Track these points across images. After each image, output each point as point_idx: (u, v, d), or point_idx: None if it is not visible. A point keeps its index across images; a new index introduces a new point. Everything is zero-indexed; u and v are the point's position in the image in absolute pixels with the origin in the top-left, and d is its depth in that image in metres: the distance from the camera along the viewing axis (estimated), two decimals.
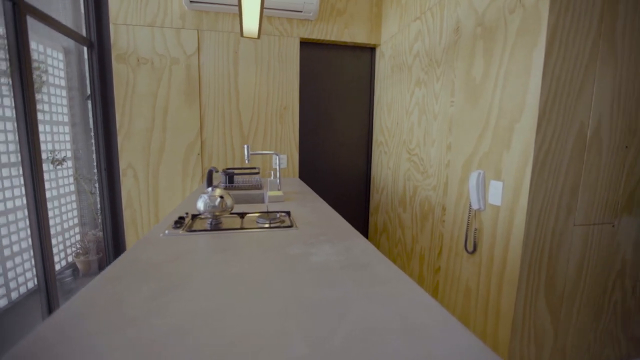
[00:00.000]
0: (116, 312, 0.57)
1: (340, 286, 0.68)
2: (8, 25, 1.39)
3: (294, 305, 0.59)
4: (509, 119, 1.25)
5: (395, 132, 2.20)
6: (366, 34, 2.39)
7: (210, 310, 0.58)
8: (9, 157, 1.80)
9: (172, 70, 2.13)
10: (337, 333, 0.51)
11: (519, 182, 1.21)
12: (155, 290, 0.64)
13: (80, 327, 0.52)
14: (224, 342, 0.49)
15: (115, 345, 0.48)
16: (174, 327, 0.52)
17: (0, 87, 1.69)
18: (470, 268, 1.47)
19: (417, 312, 0.58)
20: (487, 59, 1.36)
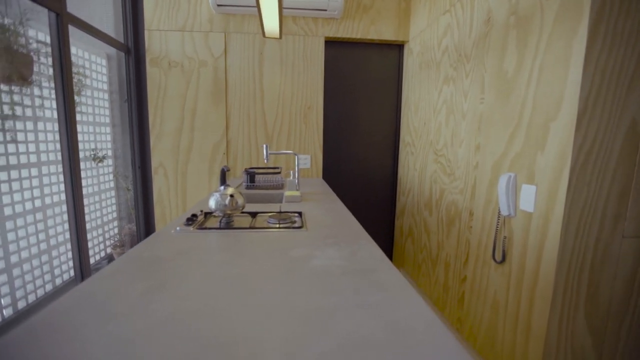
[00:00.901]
0: (106, 306, 0.58)
1: (336, 294, 0.64)
2: (52, 34, 1.52)
3: (280, 313, 0.57)
4: (544, 117, 1.13)
5: (423, 132, 2.10)
6: (394, 31, 2.31)
7: (190, 311, 0.57)
8: (52, 156, 1.97)
9: (200, 73, 2.20)
10: (316, 348, 0.48)
11: (554, 186, 1.08)
12: (147, 288, 0.65)
13: (70, 320, 0.53)
14: (190, 350, 0.47)
15: (96, 339, 0.48)
16: (150, 327, 0.52)
17: (45, 91, 1.85)
18: (499, 279, 1.35)
19: (414, 328, 0.53)
20: (521, 50, 1.23)
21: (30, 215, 1.82)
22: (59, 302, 0.58)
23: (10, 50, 1.49)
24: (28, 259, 1.83)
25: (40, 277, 1.89)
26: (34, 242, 1.86)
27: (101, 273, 0.71)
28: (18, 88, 1.66)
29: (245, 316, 0.55)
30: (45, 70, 1.73)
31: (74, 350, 0.46)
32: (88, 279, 0.68)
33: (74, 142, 1.61)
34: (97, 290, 0.64)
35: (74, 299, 0.60)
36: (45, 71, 1.73)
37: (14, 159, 1.70)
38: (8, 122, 1.64)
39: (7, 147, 1.66)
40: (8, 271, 1.72)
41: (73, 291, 0.63)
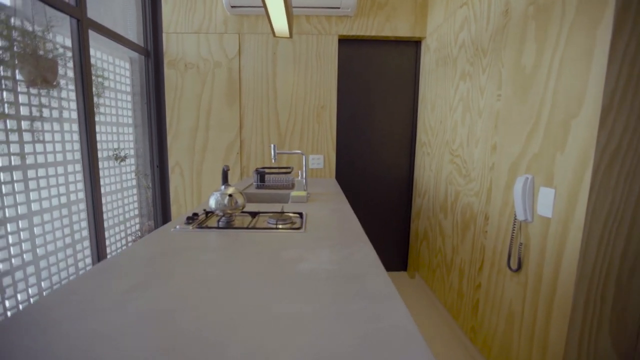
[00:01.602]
0: (87, 303, 0.58)
1: (316, 300, 0.61)
2: (73, 39, 1.60)
3: (252, 317, 0.55)
4: (564, 114, 1.03)
5: (439, 131, 2.01)
6: (410, 27, 2.23)
7: (164, 310, 0.56)
8: (77, 155, 2.07)
9: (215, 74, 2.24)
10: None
11: (574, 189, 0.99)
12: (128, 286, 0.65)
13: (51, 315, 0.54)
14: (145, 348, 0.46)
15: (71, 333, 0.48)
16: (123, 323, 0.51)
17: (70, 93, 1.96)
18: (514, 288, 1.26)
19: (390, 342, 0.49)
20: (540, 43, 1.14)
21: (57, 211, 1.92)
22: (43, 298, 0.60)
23: (36, 55, 1.58)
24: (54, 252, 1.94)
25: (65, 269, 2.00)
26: (60, 236, 1.96)
27: (92, 270, 0.73)
28: (45, 91, 1.77)
29: (215, 317, 0.54)
30: (69, 73, 1.83)
31: (48, 341, 0.46)
32: (83, 274, 0.70)
33: (92, 142, 1.69)
34: (82, 287, 0.65)
35: (58, 295, 0.61)
36: (69, 74, 1.83)
37: (42, 157, 1.80)
38: (35, 123, 1.75)
39: (35, 146, 1.76)
40: (35, 263, 1.82)
41: (60, 287, 0.64)
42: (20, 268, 1.76)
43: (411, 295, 2.20)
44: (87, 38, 1.64)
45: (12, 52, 1.56)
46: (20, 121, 1.66)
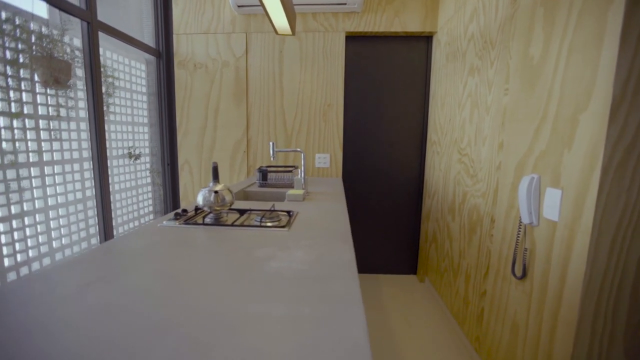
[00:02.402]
0: (47, 294, 0.59)
1: (270, 301, 0.58)
2: (84, 41, 1.67)
3: (198, 316, 0.53)
4: (572, 108, 0.94)
5: (448, 130, 1.92)
6: (420, 21, 2.15)
7: (117, 305, 0.55)
8: (92, 153, 2.16)
9: (223, 73, 2.27)
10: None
11: (582, 190, 0.89)
12: (96, 278, 0.65)
13: (17, 300, 0.55)
14: (82, 344, 0.45)
15: (20, 318, 0.48)
16: (77, 315, 0.51)
17: (81, 93, 2.05)
18: (519, 297, 1.16)
19: (330, 354, 0.45)
20: (547, 31, 1.05)
21: (72, 206, 2.01)
22: (12, 282, 0.61)
23: (51, 57, 1.67)
24: (69, 245, 2.03)
25: None
26: (75, 230, 2.06)
27: (64, 260, 0.74)
28: (62, 91, 1.86)
29: (162, 314, 0.52)
30: (81, 74, 1.91)
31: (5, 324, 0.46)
32: (47, 266, 0.71)
33: (102, 141, 1.75)
34: (48, 277, 0.66)
35: (24, 282, 0.62)
36: (82, 75, 1.91)
37: (58, 155, 1.89)
38: (53, 122, 1.84)
39: (52, 144, 1.85)
40: (51, 255, 1.91)
41: (27, 275, 0.66)
42: (37, 259, 1.85)
43: (419, 301, 2.11)
44: (97, 40, 1.70)
45: (31, 55, 1.65)
46: (38, 120, 1.75)
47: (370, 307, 2.03)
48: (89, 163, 2.09)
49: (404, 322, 1.86)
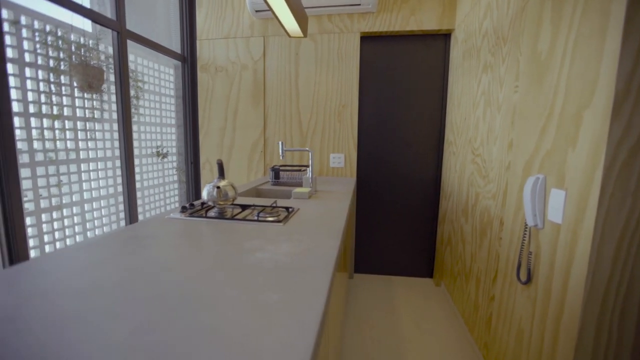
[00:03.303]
0: (52, 272, 0.67)
1: (245, 286, 0.62)
2: (114, 49, 1.82)
3: (167, 297, 0.58)
4: (576, 104, 0.89)
5: (463, 129, 1.86)
6: (437, 19, 2.10)
7: (99, 286, 0.62)
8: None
9: (242, 76, 2.36)
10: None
11: (584, 192, 0.84)
12: (97, 259, 0.73)
13: (17, 277, 0.64)
14: (60, 316, 0.51)
15: (27, 289, 0.56)
16: (60, 292, 0.58)
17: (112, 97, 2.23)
18: (524, 303, 1.11)
19: (283, 330, 0.48)
20: (555, 24, 1.00)
21: (104, 200, 2.20)
22: (19, 265, 0.70)
23: (87, 65, 1.84)
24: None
25: None
26: (107, 223, 2.24)
27: (73, 246, 0.83)
28: (97, 95, 2.04)
29: (152, 291, 0.58)
30: (112, 78, 2.09)
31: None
32: (59, 249, 0.80)
33: (129, 141, 1.90)
34: (60, 257, 0.74)
35: (35, 263, 0.71)
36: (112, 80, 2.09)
37: (93, 153, 2.08)
38: (88, 123, 2.03)
39: (88, 143, 2.04)
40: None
41: (39, 256, 0.75)
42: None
43: (432, 305, 2.06)
44: (126, 48, 1.85)
45: (70, 63, 1.83)
46: (76, 122, 1.93)
47: (380, 309, 2.01)
48: (119, 161, 2.27)
49: (414, 326, 1.83)
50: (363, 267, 2.53)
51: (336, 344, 1.24)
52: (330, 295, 0.64)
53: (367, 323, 1.86)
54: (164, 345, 0.44)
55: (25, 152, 1.62)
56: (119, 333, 0.46)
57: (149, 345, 0.44)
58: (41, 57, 1.68)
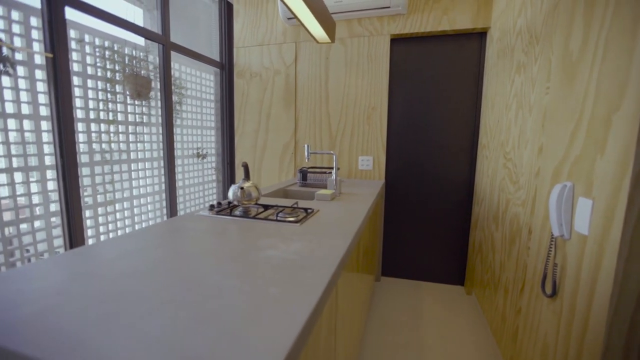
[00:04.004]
0: (95, 256, 0.79)
1: (249, 279, 0.68)
2: (160, 60, 2.01)
3: (184, 281, 0.65)
4: (605, 107, 0.83)
5: (496, 132, 1.78)
6: (471, 18, 2.03)
7: (124, 272, 0.71)
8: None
9: (275, 80, 2.47)
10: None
11: (612, 202, 0.79)
12: (133, 248, 0.84)
13: (74, 259, 0.76)
14: (100, 292, 0.61)
15: (75, 269, 0.68)
16: (96, 274, 0.68)
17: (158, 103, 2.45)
18: (549, 318, 1.05)
19: (271, 319, 0.53)
20: (587, 21, 0.94)
21: (151, 196, 2.43)
22: (74, 250, 0.83)
23: (137, 75, 2.06)
24: None
25: None
26: (152, 217, 2.47)
27: (115, 238, 0.96)
28: (146, 102, 2.27)
29: (159, 280, 0.66)
30: (158, 87, 2.30)
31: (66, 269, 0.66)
32: (106, 238, 0.92)
33: (170, 143, 2.08)
34: (106, 246, 0.86)
35: (85, 249, 0.84)
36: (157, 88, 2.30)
37: (142, 154, 2.31)
38: (138, 127, 2.25)
39: (137, 145, 2.27)
40: None
41: (88, 245, 0.87)
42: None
43: (460, 313, 1.99)
44: (169, 59, 2.03)
45: (123, 73, 2.06)
46: (128, 126, 2.16)
47: (405, 314, 1.99)
48: (162, 161, 2.49)
49: (439, 334, 1.78)
50: (391, 270, 2.51)
51: (351, 344, 1.26)
52: (328, 292, 0.68)
53: (391, 327, 1.85)
54: (172, 321, 0.51)
55: (85, 153, 1.86)
56: (136, 311, 0.54)
57: (153, 329, 0.51)
58: (100, 70, 1.91)
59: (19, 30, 1.46)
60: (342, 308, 1.01)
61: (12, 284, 0.64)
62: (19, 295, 0.59)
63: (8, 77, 1.46)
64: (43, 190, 1.61)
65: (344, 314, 1.05)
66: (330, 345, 0.86)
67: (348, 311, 1.15)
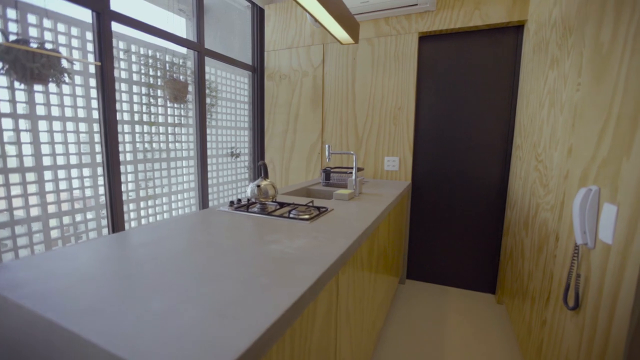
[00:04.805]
0: (124, 242, 0.89)
1: (244, 268, 0.73)
2: (195, 66, 2.17)
3: (190, 267, 0.72)
4: (633, 104, 0.76)
5: (529, 132, 1.67)
6: (506, 10, 1.91)
7: (147, 258, 0.80)
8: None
9: (303, 82, 2.53)
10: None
11: (636, 208, 0.72)
12: (154, 238, 0.93)
13: (109, 244, 0.87)
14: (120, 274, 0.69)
15: (107, 254, 0.78)
16: (124, 257, 0.78)
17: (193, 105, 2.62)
18: (572, 331, 0.97)
19: (254, 303, 0.57)
20: (618, 11, 0.86)
21: (187, 192, 2.61)
22: (109, 235, 0.94)
23: (174, 80, 2.24)
24: None
25: None
26: (187, 212, 2.65)
27: (140, 227, 1.06)
28: (183, 105, 2.45)
29: (169, 266, 0.73)
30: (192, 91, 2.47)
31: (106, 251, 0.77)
32: (136, 226, 1.03)
33: (203, 142, 2.23)
34: (136, 233, 0.97)
35: (121, 235, 0.95)
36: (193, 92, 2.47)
37: (180, 153, 2.50)
38: (176, 128, 2.44)
39: (176, 145, 2.46)
40: None
41: (121, 232, 0.99)
42: None
43: (487, 323, 1.89)
44: (204, 64, 2.18)
45: (164, 79, 2.25)
46: (167, 127, 2.35)
47: (428, 319, 1.94)
48: (196, 160, 2.66)
49: (462, 343, 1.71)
50: (417, 273, 2.45)
51: (362, 344, 1.27)
52: (319, 286, 0.70)
53: (411, 332, 1.81)
54: (169, 300, 0.57)
55: (130, 152, 2.06)
56: (140, 290, 0.61)
57: (153, 304, 0.57)
58: (144, 76, 2.10)
59: (77, 44, 1.67)
60: (346, 305, 1.03)
61: (52, 261, 0.75)
62: (49, 273, 0.70)
63: (67, 85, 1.68)
64: (94, 185, 1.82)
65: (349, 311, 1.07)
66: (328, 338, 0.88)
67: (356, 309, 1.16)
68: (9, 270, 0.71)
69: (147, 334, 0.49)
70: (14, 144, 1.52)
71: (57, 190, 1.69)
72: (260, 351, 0.49)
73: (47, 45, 1.52)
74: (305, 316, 0.72)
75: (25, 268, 0.72)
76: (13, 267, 0.73)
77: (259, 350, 0.49)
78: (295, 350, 0.68)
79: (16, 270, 0.71)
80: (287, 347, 0.63)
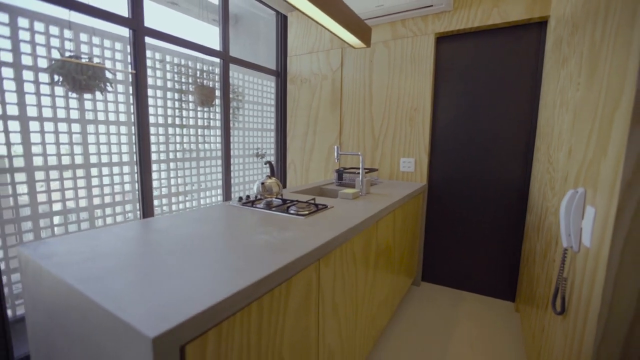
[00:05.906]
0: (136, 233, 1.04)
1: (227, 254, 0.83)
2: (220, 72, 2.35)
3: (185, 254, 0.84)
4: (611, 103, 0.74)
5: (546, 133, 1.60)
6: (526, 7, 1.84)
7: (156, 243, 0.93)
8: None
9: (322, 85, 2.61)
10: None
11: (607, 210, 0.70)
12: (165, 226, 1.08)
13: (124, 234, 1.03)
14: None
15: (123, 238, 0.93)
16: (138, 245, 0.92)
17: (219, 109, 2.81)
18: (560, 337, 0.95)
19: (225, 281, 0.67)
20: (607, 6, 0.83)
21: (214, 190, 2.82)
22: (126, 222, 1.10)
23: (202, 85, 2.44)
24: None
25: None
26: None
27: (153, 218, 1.22)
28: (212, 108, 2.66)
29: (169, 248, 0.86)
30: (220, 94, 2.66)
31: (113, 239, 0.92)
32: (153, 217, 1.19)
33: (227, 143, 2.41)
34: (152, 223, 1.13)
35: (136, 224, 1.11)
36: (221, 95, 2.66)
37: (208, 153, 2.71)
38: (205, 130, 2.66)
39: (205, 145, 2.67)
40: None
41: (137, 221, 1.15)
42: None
43: (501, 330, 1.82)
44: (228, 70, 2.36)
45: (195, 84, 2.46)
46: (197, 130, 2.57)
47: (439, 323, 1.92)
48: (222, 160, 2.86)
49: (470, 348, 1.68)
50: (433, 276, 2.41)
51: (357, 338, 1.32)
52: (288, 271, 0.78)
53: (418, 333, 1.81)
54: (163, 278, 0.69)
55: (163, 152, 2.29)
56: (139, 267, 0.74)
57: (143, 282, 0.69)
58: (176, 83, 2.33)
59: (120, 57, 1.91)
60: (332, 296, 1.09)
61: (79, 240, 0.92)
62: (76, 251, 0.86)
63: (110, 93, 1.93)
64: (132, 181, 2.06)
65: (337, 303, 1.13)
66: (308, 322, 0.95)
67: (346, 302, 1.21)
68: (48, 245, 0.88)
69: (134, 296, 0.61)
70: (67, 144, 1.78)
71: (101, 185, 1.94)
72: (221, 311, 0.59)
73: (95, 59, 1.77)
74: (277, 296, 0.80)
75: (58, 243, 0.89)
76: (51, 243, 0.90)
77: (221, 310, 0.58)
78: (264, 321, 0.76)
79: (53, 245, 0.88)
80: (253, 316, 0.72)
